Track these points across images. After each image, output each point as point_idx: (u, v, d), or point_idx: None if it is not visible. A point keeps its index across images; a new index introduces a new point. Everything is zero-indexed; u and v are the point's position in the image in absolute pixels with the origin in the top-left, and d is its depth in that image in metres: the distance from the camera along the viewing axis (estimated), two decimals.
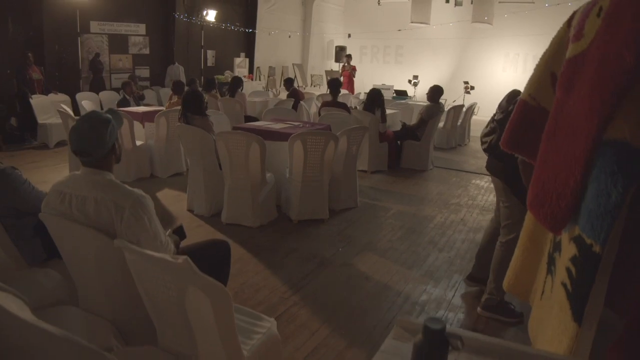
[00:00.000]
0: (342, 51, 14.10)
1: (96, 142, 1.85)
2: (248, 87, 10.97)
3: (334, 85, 7.15)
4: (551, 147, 1.39)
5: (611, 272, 1.21)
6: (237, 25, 12.49)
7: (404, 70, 14.58)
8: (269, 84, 12.98)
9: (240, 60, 12.83)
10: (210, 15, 11.32)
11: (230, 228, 4.29)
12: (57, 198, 1.89)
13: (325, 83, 12.47)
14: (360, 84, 14.18)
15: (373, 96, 6.58)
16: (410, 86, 11.82)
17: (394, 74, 14.73)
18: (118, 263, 1.77)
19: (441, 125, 8.44)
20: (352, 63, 13.44)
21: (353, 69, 13.24)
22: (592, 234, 1.17)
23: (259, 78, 13.39)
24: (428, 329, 0.92)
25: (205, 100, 4.72)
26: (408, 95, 11.30)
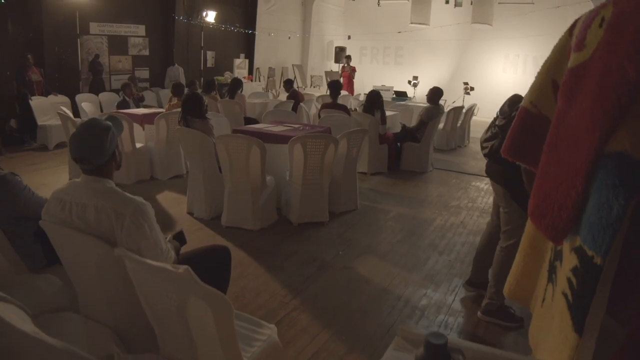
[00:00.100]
0: (342, 52, 14.10)
1: (96, 150, 1.85)
2: (248, 88, 10.94)
3: (334, 87, 7.15)
4: (553, 158, 1.39)
5: (613, 282, 1.21)
6: (237, 26, 12.48)
7: (404, 71, 14.57)
8: (269, 85, 12.98)
9: (240, 61, 12.83)
10: (209, 16, 11.31)
11: (230, 231, 4.29)
12: (57, 205, 1.89)
13: (325, 84, 12.48)
14: (360, 85, 14.18)
15: (372, 98, 6.57)
16: (410, 87, 11.82)
17: (394, 75, 14.73)
18: (119, 271, 1.77)
19: (441, 126, 8.45)
20: (352, 64, 13.44)
21: (353, 70, 13.24)
22: (594, 246, 1.17)
23: (259, 79, 13.38)
24: (430, 344, 0.92)
25: (205, 103, 4.71)
26: (408, 96, 11.29)
